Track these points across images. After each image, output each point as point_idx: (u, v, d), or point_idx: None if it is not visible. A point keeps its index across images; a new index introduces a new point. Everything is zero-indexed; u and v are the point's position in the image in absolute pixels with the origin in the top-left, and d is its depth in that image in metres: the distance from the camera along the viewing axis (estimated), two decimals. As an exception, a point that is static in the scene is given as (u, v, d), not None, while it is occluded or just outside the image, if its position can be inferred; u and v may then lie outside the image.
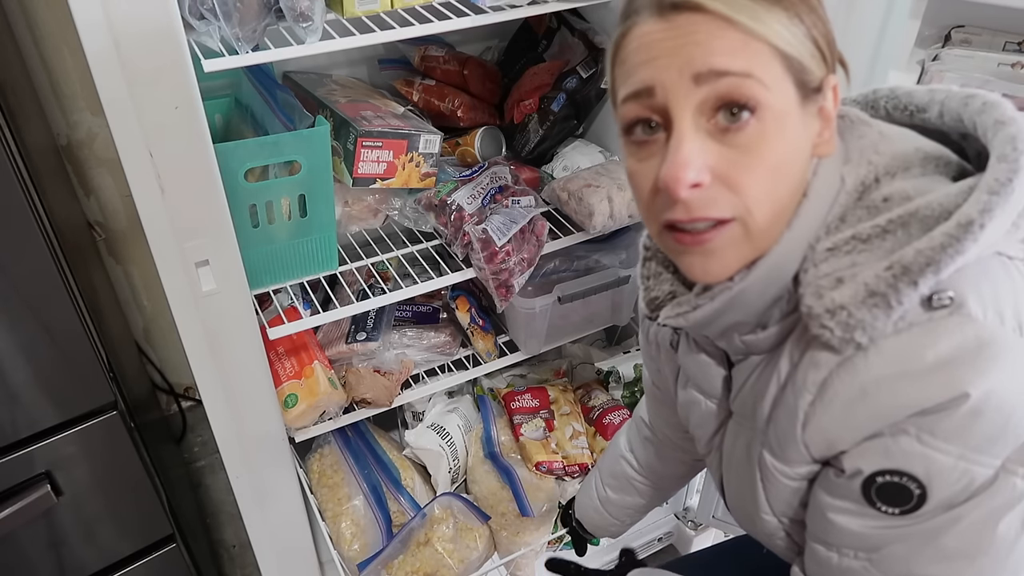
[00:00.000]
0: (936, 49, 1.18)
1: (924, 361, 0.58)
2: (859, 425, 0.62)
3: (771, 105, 0.58)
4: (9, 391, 1.01)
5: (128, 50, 0.90)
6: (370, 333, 1.48)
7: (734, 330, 0.70)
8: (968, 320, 0.58)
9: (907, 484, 0.61)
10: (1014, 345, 0.58)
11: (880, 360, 0.60)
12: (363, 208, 1.37)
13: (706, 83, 0.57)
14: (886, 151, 0.65)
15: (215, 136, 1.03)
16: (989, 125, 0.63)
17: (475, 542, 1.54)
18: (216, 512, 2.03)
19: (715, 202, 0.60)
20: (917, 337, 0.59)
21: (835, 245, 0.63)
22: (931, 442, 0.59)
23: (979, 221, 0.57)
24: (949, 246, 0.57)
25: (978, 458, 0.58)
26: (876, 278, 0.59)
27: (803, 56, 0.59)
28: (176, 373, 2.16)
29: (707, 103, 0.58)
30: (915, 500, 0.61)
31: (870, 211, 0.63)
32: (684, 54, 0.57)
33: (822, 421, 0.65)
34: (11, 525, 1.06)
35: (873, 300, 0.59)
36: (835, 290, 0.61)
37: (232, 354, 1.20)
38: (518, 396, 1.69)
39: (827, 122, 0.63)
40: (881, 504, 0.63)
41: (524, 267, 1.35)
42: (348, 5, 1.09)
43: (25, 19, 1.53)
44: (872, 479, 0.62)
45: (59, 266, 0.98)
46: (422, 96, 1.48)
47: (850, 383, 0.62)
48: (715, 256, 0.63)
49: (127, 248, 1.91)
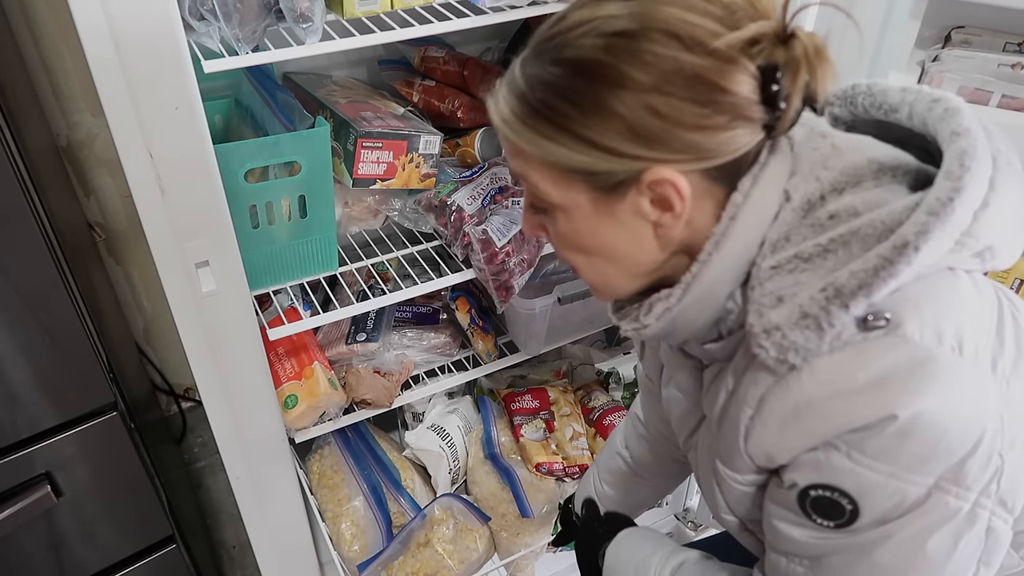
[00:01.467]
0: (936, 50, 1.18)
1: (856, 381, 0.59)
2: (793, 442, 0.63)
3: (553, 203, 0.66)
4: (9, 392, 1.01)
5: (128, 51, 0.90)
6: (370, 334, 1.48)
7: (693, 341, 0.73)
8: (902, 341, 0.59)
9: (839, 499, 0.62)
10: (950, 365, 0.58)
11: (813, 380, 0.61)
12: (363, 209, 1.37)
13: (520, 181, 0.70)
14: (835, 166, 0.65)
15: (215, 137, 1.03)
16: (946, 136, 0.63)
17: (475, 543, 1.54)
18: (216, 513, 2.03)
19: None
20: (850, 357, 0.60)
21: (778, 264, 0.63)
22: (861, 460, 0.59)
23: (914, 243, 0.57)
24: (882, 269, 0.58)
25: (909, 477, 0.59)
26: (810, 300, 0.60)
27: (575, 162, 0.62)
28: (176, 374, 2.16)
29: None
30: (848, 515, 0.62)
31: (815, 229, 0.63)
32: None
33: (760, 436, 0.66)
34: (11, 526, 1.06)
35: (805, 322, 0.60)
36: (774, 309, 0.62)
37: (232, 355, 1.20)
38: (518, 397, 1.69)
39: (664, 207, 0.63)
40: (816, 517, 0.64)
41: (524, 268, 1.35)
42: (348, 6, 1.09)
43: (25, 20, 1.53)
44: (806, 492, 0.64)
45: (59, 267, 0.98)
46: (422, 97, 1.48)
47: (784, 401, 0.63)
48: (591, 287, 0.75)
49: (127, 249, 1.91)
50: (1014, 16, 1.12)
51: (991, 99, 1.12)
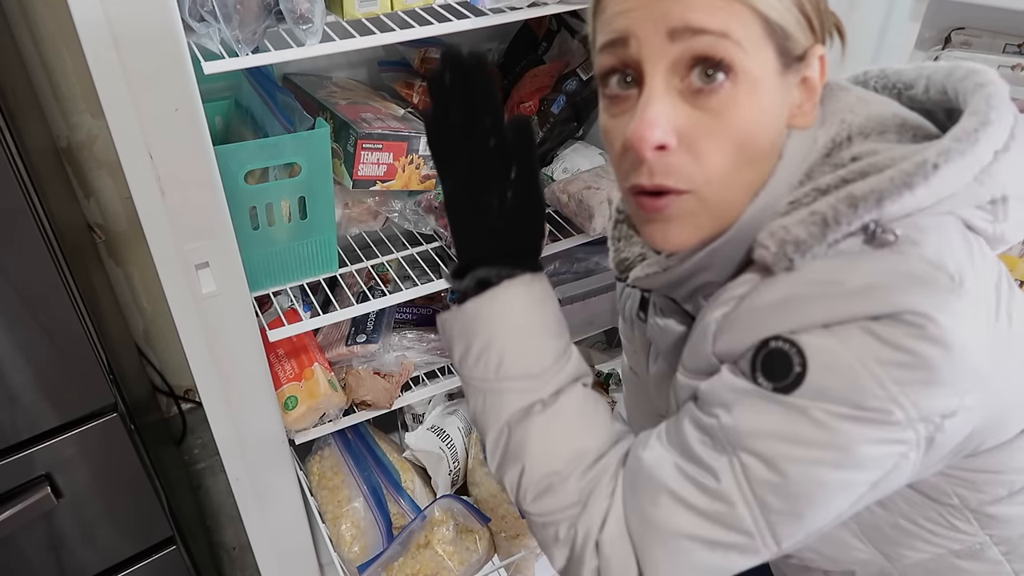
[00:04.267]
0: (936, 51, 1.18)
1: (845, 285, 0.57)
2: (764, 326, 0.60)
3: (746, 69, 0.57)
4: (9, 393, 1.00)
5: (128, 52, 0.90)
6: (370, 335, 1.48)
7: (701, 292, 0.69)
8: (901, 257, 0.57)
9: (793, 356, 0.57)
10: (946, 288, 0.55)
11: (802, 277, 0.59)
12: (363, 210, 1.37)
13: (681, 40, 0.56)
14: (861, 112, 0.65)
15: (215, 138, 1.03)
16: (969, 89, 0.63)
17: (475, 544, 1.54)
18: (216, 514, 2.02)
19: (676, 171, 0.59)
20: (847, 262, 0.58)
21: (796, 199, 0.62)
22: (835, 329, 0.56)
23: (933, 161, 0.57)
24: (898, 179, 0.57)
25: (876, 371, 0.55)
26: (824, 204, 0.59)
27: (787, 22, 0.58)
28: (176, 375, 2.16)
29: (681, 61, 0.57)
30: (792, 378, 0.57)
31: (835, 167, 0.63)
32: (661, 8, 0.56)
33: (732, 333, 0.63)
34: (11, 527, 1.06)
35: (812, 219, 0.59)
36: (786, 216, 0.61)
37: (232, 356, 1.20)
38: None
39: (810, 93, 0.63)
40: (759, 375, 0.59)
41: (524, 269, 1.35)
42: (348, 7, 1.09)
43: (25, 21, 1.53)
44: (765, 343, 0.59)
45: (59, 268, 0.98)
46: (422, 98, 1.48)
47: (766, 295, 0.61)
48: (673, 225, 0.62)
49: (127, 250, 1.91)
50: (1014, 17, 1.12)
51: (991, 100, 1.12)
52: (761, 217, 0.63)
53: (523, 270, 0.70)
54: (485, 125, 0.67)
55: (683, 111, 0.58)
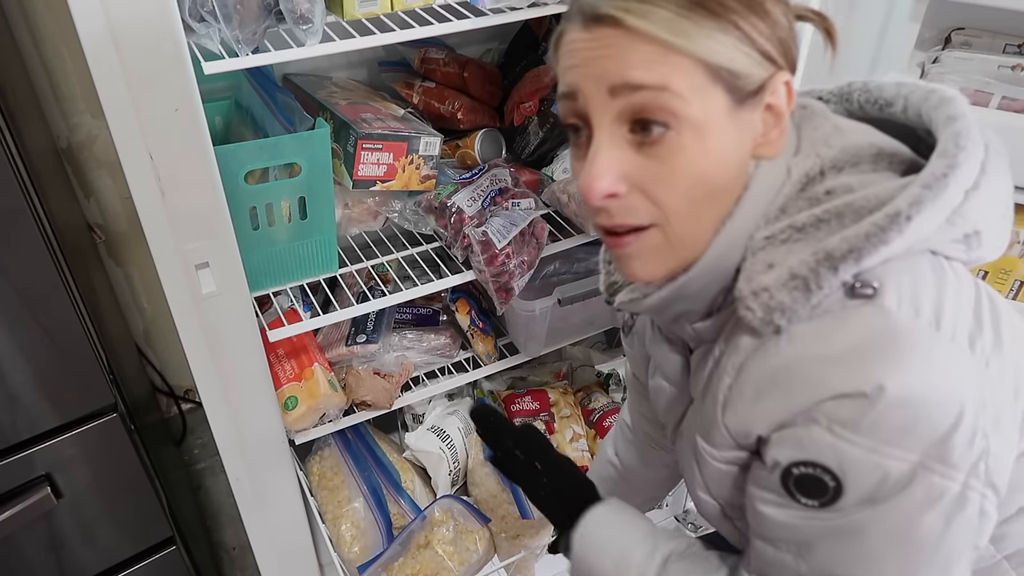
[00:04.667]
0: (936, 51, 1.18)
1: (832, 348, 0.59)
2: (771, 410, 0.63)
3: (689, 117, 0.58)
4: (9, 393, 1.01)
5: (128, 52, 0.90)
6: (370, 335, 1.48)
7: (684, 319, 0.72)
8: (880, 311, 0.59)
9: (821, 476, 0.60)
10: (926, 339, 0.58)
11: (791, 345, 0.62)
12: (363, 210, 1.37)
13: (621, 96, 0.59)
14: (836, 144, 0.66)
15: (215, 138, 1.03)
16: (941, 121, 0.64)
17: (475, 544, 1.54)
18: (216, 514, 2.02)
19: (633, 210, 0.62)
20: (829, 324, 0.60)
21: (772, 234, 0.64)
22: (841, 433, 0.58)
23: (906, 213, 0.58)
24: (873, 235, 0.58)
25: (890, 451, 0.58)
26: (800, 262, 0.61)
27: (735, 63, 0.59)
28: (176, 375, 2.16)
29: (623, 115, 0.60)
30: (831, 492, 0.60)
31: (810, 202, 0.64)
32: (601, 66, 0.59)
33: (737, 405, 0.66)
34: (11, 527, 1.06)
35: (794, 283, 0.61)
36: (763, 274, 0.63)
37: (232, 356, 1.20)
38: (518, 399, 1.69)
39: (776, 120, 0.63)
40: (800, 496, 0.63)
41: (524, 269, 1.35)
42: (348, 7, 1.09)
43: (25, 21, 1.53)
44: (789, 471, 0.62)
45: (59, 268, 0.98)
46: (422, 98, 1.48)
47: (762, 367, 0.63)
48: (638, 261, 0.65)
49: (127, 250, 1.91)
50: (1014, 18, 1.12)
51: (991, 100, 1.12)
52: (730, 249, 0.65)
53: (578, 522, 0.85)
54: (509, 447, 0.95)
55: (631, 159, 0.60)
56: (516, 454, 0.94)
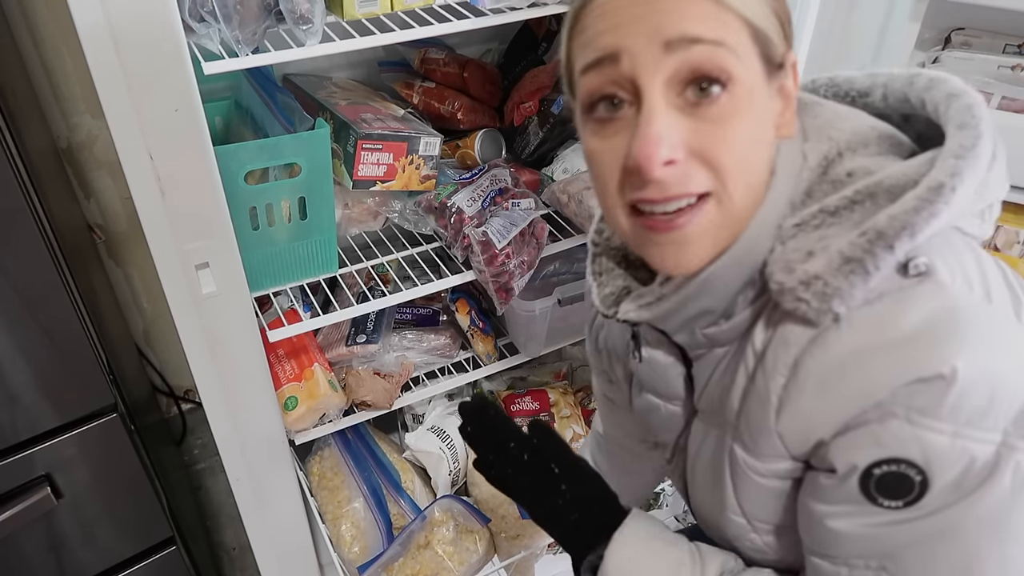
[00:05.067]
0: (936, 52, 1.18)
1: (900, 330, 0.56)
2: (838, 406, 0.59)
3: (742, 78, 0.56)
4: (9, 393, 1.01)
5: (128, 52, 0.90)
6: (370, 335, 1.48)
7: (696, 322, 0.67)
8: (940, 287, 0.57)
9: (906, 472, 0.57)
10: (985, 313, 0.57)
11: (853, 333, 0.58)
12: (363, 210, 1.37)
13: (678, 50, 0.55)
14: (844, 127, 0.65)
15: (215, 138, 1.03)
16: (940, 99, 0.63)
17: (475, 545, 1.54)
18: (216, 514, 2.02)
19: (690, 177, 0.57)
20: (890, 306, 0.57)
21: (802, 221, 0.61)
22: (921, 421, 0.56)
23: (950, 184, 0.57)
24: (923, 209, 0.56)
25: (973, 433, 0.55)
26: (851, 245, 0.58)
27: (769, 30, 0.58)
28: (176, 375, 2.16)
29: (679, 74, 0.56)
30: (917, 488, 0.57)
31: (835, 185, 0.62)
32: (653, 20, 0.55)
33: (798, 405, 0.61)
34: (11, 527, 1.06)
35: (849, 267, 0.57)
36: (806, 263, 0.59)
37: (232, 356, 1.20)
38: (518, 399, 1.69)
39: (788, 101, 0.62)
40: (883, 499, 0.59)
41: (524, 269, 1.35)
42: (348, 7, 1.09)
43: (25, 21, 1.53)
44: (869, 472, 0.58)
45: (59, 268, 0.98)
46: (422, 98, 1.49)
47: (824, 360, 0.59)
48: (689, 244, 0.60)
49: (127, 250, 1.91)
50: (1014, 18, 1.12)
51: (991, 101, 1.12)
52: (760, 236, 0.61)
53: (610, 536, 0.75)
54: (511, 448, 0.81)
55: (685, 124, 0.56)
56: (519, 456, 0.82)
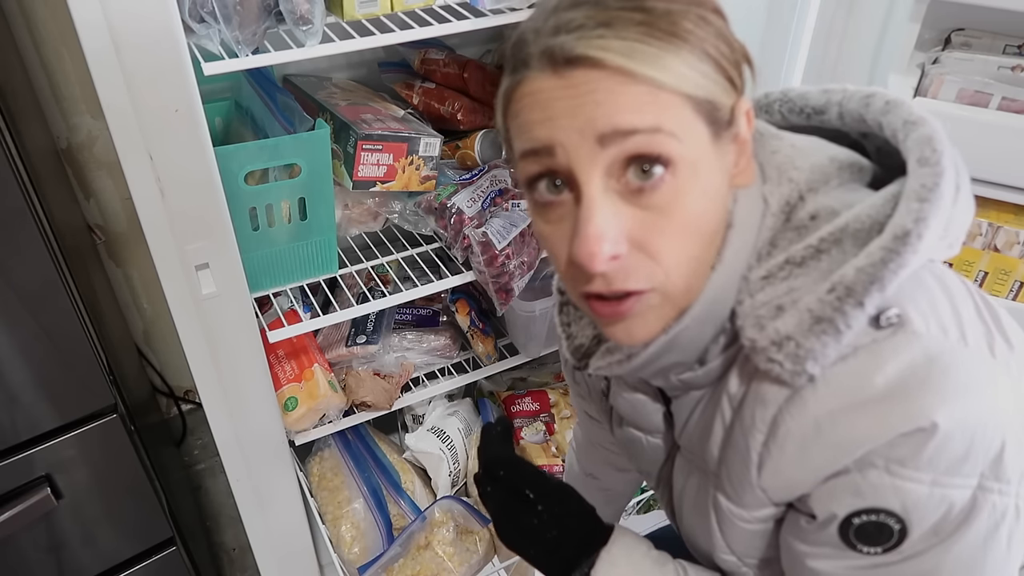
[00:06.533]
0: (936, 52, 1.18)
1: (876, 388, 0.55)
2: (818, 464, 0.58)
3: (684, 157, 0.53)
4: (9, 394, 1.00)
5: (128, 53, 0.90)
6: (370, 336, 1.48)
7: (670, 371, 0.66)
8: (913, 337, 0.55)
9: (886, 521, 0.57)
10: (962, 357, 0.55)
11: (830, 391, 0.57)
12: (363, 211, 1.37)
13: (612, 144, 0.52)
14: (803, 166, 0.62)
15: (215, 139, 1.03)
16: (898, 126, 0.61)
17: (475, 545, 1.54)
18: (216, 515, 2.02)
19: (634, 273, 0.55)
20: (865, 362, 0.56)
21: (769, 272, 0.59)
22: (900, 472, 0.55)
23: (916, 231, 0.54)
24: (891, 260, 0.54)
25: (952, 480, 0.55)
26: (820, 303, 0.56)
27: (713, 94, 0.54)
28: (176, 376, 2.16)
29: (615, 164, 0.53)
30: (896, 536, 0.57)
31: (799, 232, 0.60)
32: (585, 113, 0.52)
33: (778, 463, 0.61)
34: (11, 528, 1.06)
35: (821, 327, 0.56)
36: (777, 319, 0.58)
37: (232, 357, 1.20)
38: (518, 399, 1.69)
39: (743, 148, 0.59)
40: (862, 546, 0.59)
41: (524, 270, 1.35)
42: (348, 8, 1.09)
43: (25, 22, 1.53)
44: (848, 522, 0.58)
45: (59, 269, 0.98)
46: (422, 99, 1.48)
47: (802, 420, 0.58)
48: (637, 322, 0.58)
49: (127, 251, 1.91)
50: (1014, 18, 1.12)
51: (991, 101, 1.12)
52: (723, 292, 0.60)
53: (596, 552, 0.72)
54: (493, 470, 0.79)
55: (627, 213, 0.54)
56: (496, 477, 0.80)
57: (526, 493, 0.76)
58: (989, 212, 1.18)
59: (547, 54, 0.52)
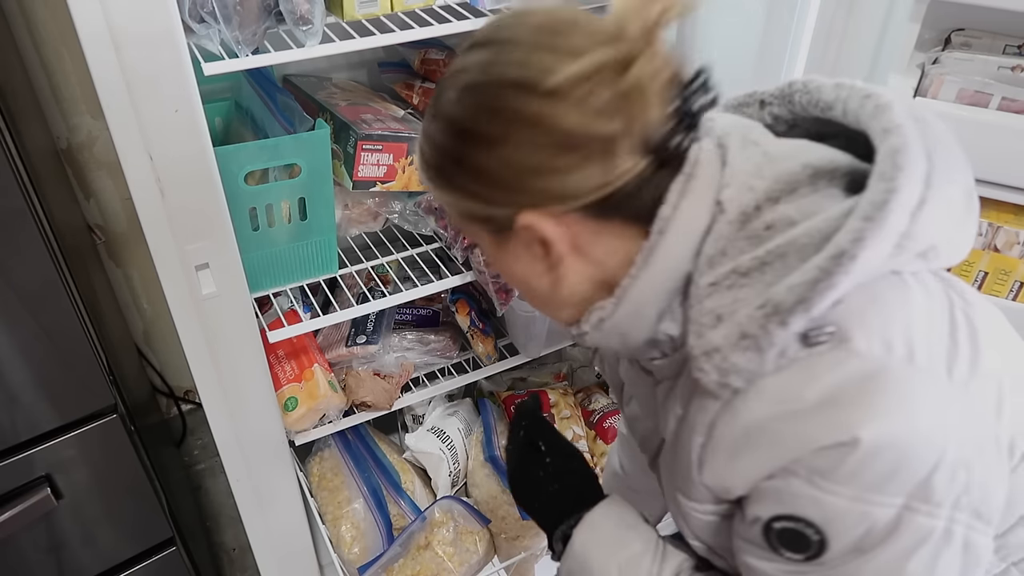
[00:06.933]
0: (936, 52, 1.18)
1: (805, 401, 0.56)
2: (748, 470, 0.60)
3: (475, 237, 0.69)
4: (9, 394, 1.00)
5: (128, 53, 0.90)
6: (370, 336, 1.48)
7: (636, 355, 0.70)
8: (851, 355, 0.56)
9: (804, 530, 0.58)
10: (903, 376, 0.55)
11: (760, 402, 0.58)
12: (363, 211, 1.37)
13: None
14: (768, 174, 0.62)
15: (215, 139, 1.03)
16: (878, 133, 0.60)
17: (475, 546, 1.54)
18: (216, 515, 2.02)
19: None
20: (797, 375, 0.57)
21: (716, 280, 0.61)
22: (822, 484, 0.56)
23: (850, 252, 0.54)
24: (820, 281, 0.55)
25: (875, 498, 0.56)
26: (748, 319, 0.58)
27: (471, 210, 0.65)
28: (176, 376, 2.16)
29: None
30: (815, 546, 0.59)
31: (751, 241, 0.60)
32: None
33: (714, 465, 0.63)
34: (11, 528, 1.06)
35: (745, 343, 0.57)
36: (713, 329, 0.60)
37: (232, 357, 1.20)
38: (518, 399, 1.69)
39: (547, 247, 0.63)
40: (784, 550, 0.61)
41: (524, 270, 1.35)
42: (348, 8, 1.09)
43: (25, 22, 1.53)
44: (770, 525, 0.60)
45: (59, 269, 0.98)
46: (422, 99, 1.48)
47: (733, 426, 0.60)
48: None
49: (127, 251, 1.91)
50: (1014, 19, 1.12)
51: (991, 101, 1.12)
52: (649, 294, 0.63)
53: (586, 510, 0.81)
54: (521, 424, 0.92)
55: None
56: (516, 434, 0.92)
57: (539, 444, 0.88)
58: (989, 212, 1.18)
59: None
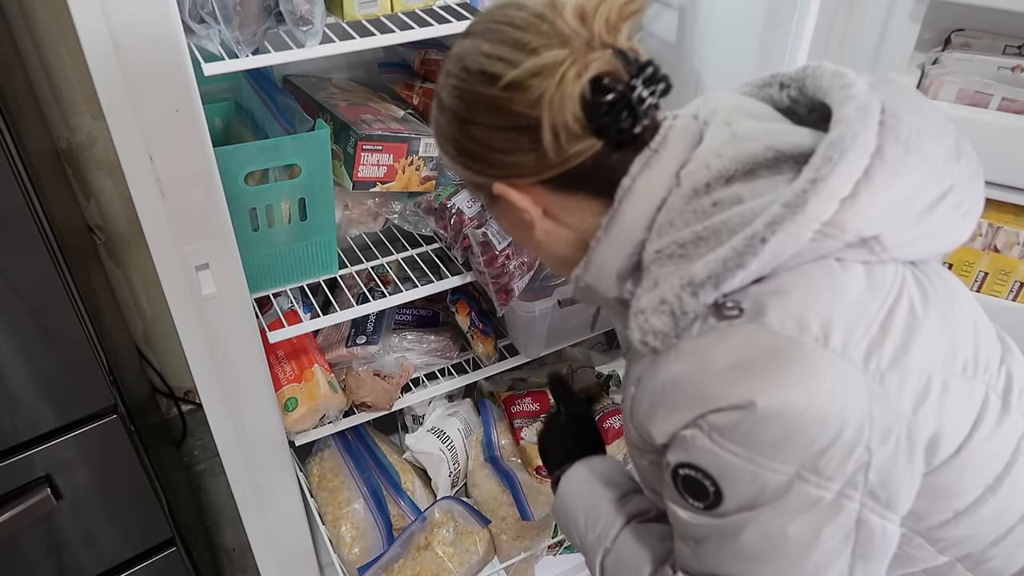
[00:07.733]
0: (936, 53, 1.18)
1: (715, 364, 0.62)
2: (663, 420, 0.67)
3: (482, 200, 0.79)
4: (9, 394, 1.01)
5: (128, 53, 0.90)
6: (370, 336, 1.48)
7: (619, 316, 0.76)
8: (762, 330, 0.61)
9: (702, 480, 0.64)
10: (810, 355, 0.60)
11: (678, 360, 0.65)
12: (363, 211, 1.37)
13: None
14: (727, 154, 0.66)
15: (215, 139, 1.03)
16: (833, 122, 0.63)
17: (475, 546, 1.54)
18: (216, 515, 2.02)
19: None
20: (713, 341, 0.63)
21: (661, 248, 0.67)
22: (720, 442, 0.62)
23: (761, 235, 0.59)
24: (730, 260, 0.61)
25: (767, 463, 0.61)
26: (669, 287, 0.65)
27: (468, 177, 0.74)
28: (176, 376, 2.16)
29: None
30: (712, 497, 0.64)
31: (697, 215, 0.66)
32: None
33: (638, 414, 0.70)
34: (11, 528, 1.06)
35: (662, 308, 0.65)
36: (649, 293, 0.67)
37: (232, 358, 1.20)
38: (518, 400, 1.69)
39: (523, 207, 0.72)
40: (688, 497, 0.67)
41: (524, 271, 1.35)
42: (348, 8, 1.09)
43: (25, 22, 1.53)
44: (676, 471, 0.67)
45: (59, 269, 0.98)
46: (422, 100, 1.48)
47: (654, 380, 0.67)
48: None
49: (127, 251, 1.91)
50: (1014, 19, 1.12)
51: (991, 102, 1.12)
52: (611, 252, 0.71)
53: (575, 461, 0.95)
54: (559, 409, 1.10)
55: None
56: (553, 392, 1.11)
57: (559, 406, 1.07)
58: (989, 212, 1.18)
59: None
